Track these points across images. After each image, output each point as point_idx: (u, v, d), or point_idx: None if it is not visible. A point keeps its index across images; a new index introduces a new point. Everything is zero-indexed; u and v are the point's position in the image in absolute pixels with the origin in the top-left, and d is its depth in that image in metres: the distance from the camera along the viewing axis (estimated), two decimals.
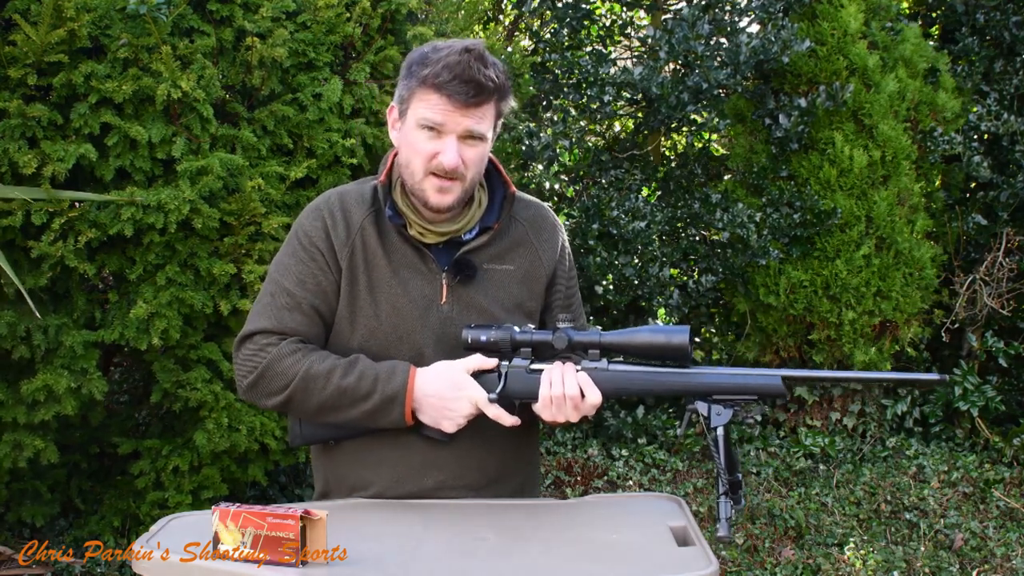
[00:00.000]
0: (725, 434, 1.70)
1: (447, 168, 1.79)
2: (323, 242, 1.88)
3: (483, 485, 1.92)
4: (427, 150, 1.80)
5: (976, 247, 5.67)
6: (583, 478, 4.80)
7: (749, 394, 1.72)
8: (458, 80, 1.75)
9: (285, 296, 1.87)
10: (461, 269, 1.89)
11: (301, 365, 1.81)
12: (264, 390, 1.84)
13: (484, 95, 1.78)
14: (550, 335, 1.81)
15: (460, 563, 1.53)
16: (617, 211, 4.88)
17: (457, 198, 1.84)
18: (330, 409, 1.83)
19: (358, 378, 1.80)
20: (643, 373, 1.79)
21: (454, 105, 1.77)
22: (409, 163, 1.84)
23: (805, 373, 1.82)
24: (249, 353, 1.85)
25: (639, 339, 1.77)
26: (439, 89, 1.76)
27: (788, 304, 5.15)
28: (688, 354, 1.74)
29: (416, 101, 1.80)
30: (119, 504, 3.67)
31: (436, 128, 1.79)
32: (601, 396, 1.78)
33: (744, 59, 4.89)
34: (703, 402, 1.73)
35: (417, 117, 1.80)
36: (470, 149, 1.81)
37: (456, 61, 1.76)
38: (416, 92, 1.80)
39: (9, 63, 3.02)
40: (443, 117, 1.78)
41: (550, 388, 1.78)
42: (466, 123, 1.79)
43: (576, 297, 2.06)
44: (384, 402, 1.80)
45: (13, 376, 3.23)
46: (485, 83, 1.77)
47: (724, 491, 1.65)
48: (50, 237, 3.08)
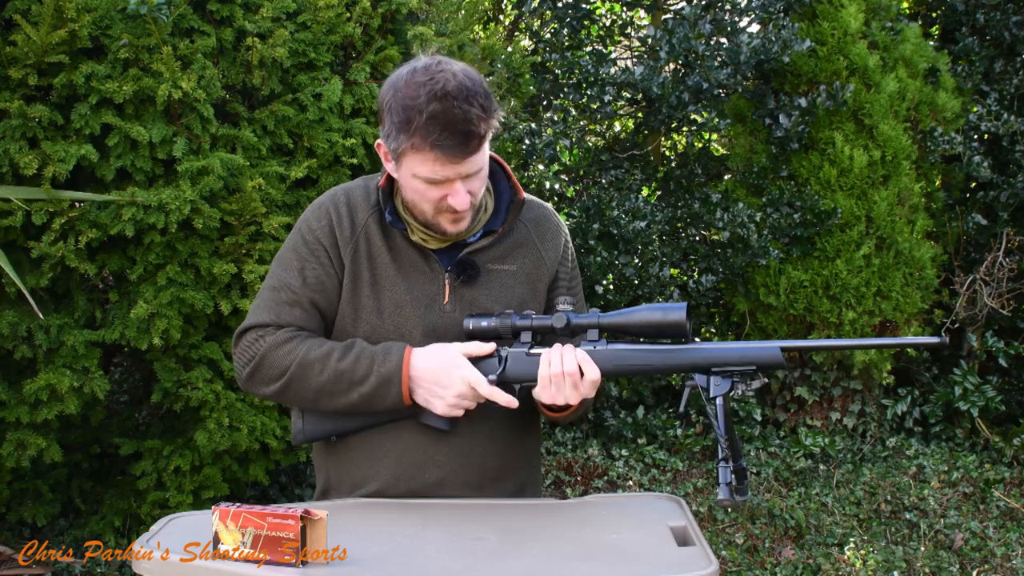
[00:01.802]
0: (724, 404, 1.70)
1: (459, 210, 1.78)
2: (327, 238, 1.88)
3: (484, 483, 1.92)
4: (433, 196, 1.78)
5: (976, 247, 5.67)
6: (583, 478, 4.80)
7: (748, 364, 1.72)
8: (448, 134, 1.70)
9: (286, 291, 1.88)
10: (464, 269, 1.89)
11: (298, 351, 1.82)
12: (262, 378, 1.85)
13: (476, 140, 1.73)
14: (550, 318, 1.82)
15: (460, 563, 1.53)
16: (617, 211, 4.89)
17: (471, 221, 1.86)
18: (328, 394, 1.83)
19: (354, 360, 1.81)
20: (641, 350, 1.79)
21: (450, 158, 1.72)
22: (416, 205, 1.82)
23: (803, 344, 1.82)
24: (246, 344, 1.86)
25: (637, 317, 1.77)
26: (432, 147, 1.71)
27: (788, 304, 5.15)
28: (685, 330, 1.74)
29: (409, 159, 1.76)
30: (120, 504, 3.67)
31: (438, 180, 1.76)
32: (600, 373, 1.78)
33: (744, 59, 4.89)
34: (701, 375, 1.74)
35: (416, 173, 1.76)
36: (474, 181, 1.80)
37: (439, 112, 1.69)
38: (408, 150, 1.75)
39: (10, 63, 3.02)
40: (443, 173, 1.75)
41: (549, 367, 1.78)
42: (465, 168, 1.75)
43: (580, 298, 2.07)
44: (380, 383, 1.80)
45: (15, 376, 3.23)
46: (475, 128, 1.71)
47: (724, 456, 1.65)
48: (51, 237, 3.08)
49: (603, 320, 1.80)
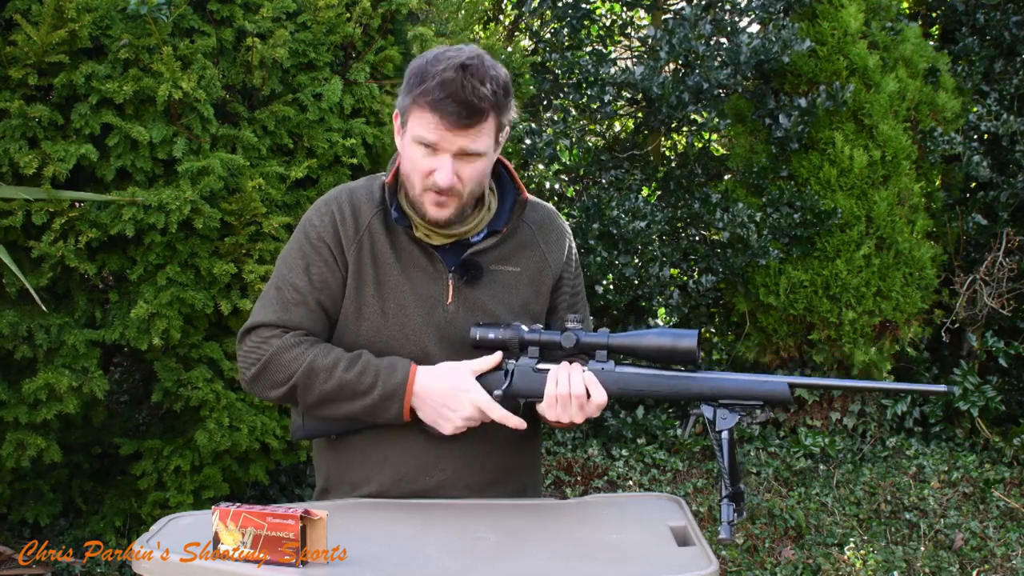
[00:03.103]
0: (730, 437, 1.70)
1: (441, 186, 1.78)
2: (331, 237, 1.88)
3: (485, 485, 1.92)
4: (423, 167, 1.80)
5: (976, 247, 5.67)
6: (583, 478, 4.80)
7: (756, 400, 1.73)
8: (451, 100, 1.72)
9: (290, 290, 1.87)
10: (468, 270, 1.89)
11: (305, 358, 1.82)
12: (267, 381, 1.85)
13: (477, 116, 1.75)
14: (559, 335, 1.81)
15: (460, 563, 1.53)
16: (617, 211, 4.89)
17: (453, 213, 1.84)
18: (331, 402, 1.83)
19: (360, 373, 1.81)
20: (649, 375, 1.79)
21: (448, 125, 1.74)
22: (409, 176, 1.84)
23: (812, 381, 1.83)
24: (252, 345, 1.86)
25: (647, 342, 1.77)
26: (433, 108, 1.74)
27: (788, 304, 5.15)
28: (695, 358, 1.74)
29: (413, 117, 1.79)
30: (120, 504, 3.67)
31: (431, 146, 1.78)
32: (607, 396, 1.78)
33: (744, 59, 4.89)
34: (708, 406, 1.74)
35: (413, 134, 1.79)
36: (467, 166, 1.80)
37: (451, 79, 1.72)
38: (412, 108, 1.78)
39: (10, 63, 3.02)
40: (437, 136, 1.76)
41: (556, 387, 1.78)
42: (460, 143, 1.77)
43: (582, 302, 2.07)
44: (383, 398, 1.80)
45: (15, 376, 3.23)
46: (478, 104, 1.74)
47: (727, 494, 1.64)
48: (51, 237, 3.08)
49: (612, 341, 1.80)
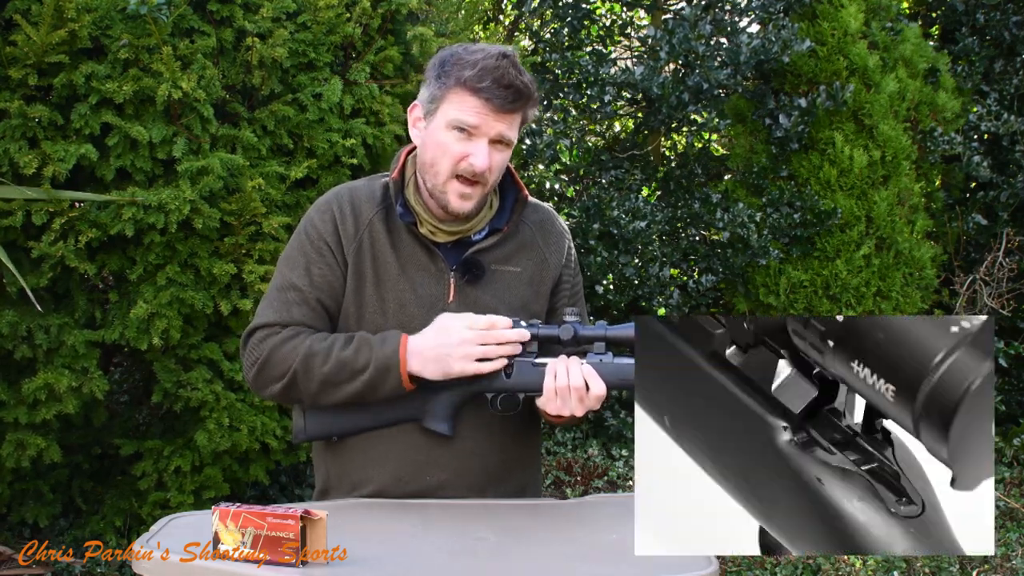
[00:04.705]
0: None
1: (477, 170, 1.79)
2: (331, 236, 1.88)
3: (485, 486, 1.92)
4: (457, 152, 1.80)
5: (976, 247, 5.67)
6: (583, 478, 4.80)
7: None
8: (497, 84, 1.76)
9: (293, 291, 1.88)
10: (469, 269, 1.89)
11: (303, 346, 1.82)
12: (268, 376, 1.85)
13: (521, 101, 1.79)
14: (556, 328, 1.82)
15: (460, 563, 1.53)
16: (617, 211, 4.89)
17: (477, 204, 1.85)
18: (332, 384, 1.82)
19: (355, 350, 1.81)
20: None
21: (490, 109, 1.77)
22: (435, 163, 1.83)
23: None
24: (254, 344, 1.86)
25: None
26: (477, 92, 1.76)
27: (788, 304, 5.15)
28: None
29: (448, 103, 1.80)
30: (121, 504, 3.67)
31: (469, 130, 1.79)
32: (605, 388, 1.79)
33: (744, 59, 4.90)
34: None
35: (449, 118, 1.79)
36: (498, 154, 1.82)
37: (494, 66, 1.76)
38: (450, 93, 1.79)
39: (10, 63, 3.02)
40: (478, 120, 1.78)
41: (555, 379, 1.79)
42: (499, 127, 1.79)
43: (581, 304, 2.07)
44: (379, 370, 1.79)
45: (15, 376, 3.23)
46: (523, 89, 1.78)
47: None
48: (51, 237, 3.08)
49: (610, 333, 1.81)
